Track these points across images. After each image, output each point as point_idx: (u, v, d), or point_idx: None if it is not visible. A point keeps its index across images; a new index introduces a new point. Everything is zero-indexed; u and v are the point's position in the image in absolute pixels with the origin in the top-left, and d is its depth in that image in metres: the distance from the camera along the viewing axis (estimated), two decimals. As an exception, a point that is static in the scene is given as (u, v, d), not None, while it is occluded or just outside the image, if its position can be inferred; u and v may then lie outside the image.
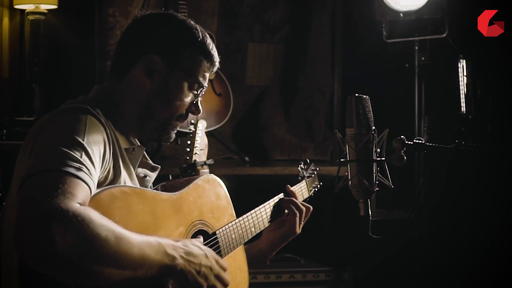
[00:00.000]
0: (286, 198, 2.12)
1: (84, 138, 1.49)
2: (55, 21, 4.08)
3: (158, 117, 1.75)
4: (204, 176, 1.90)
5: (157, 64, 1.72)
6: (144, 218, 1.56)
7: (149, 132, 1.78)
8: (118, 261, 1.36)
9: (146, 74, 1.73)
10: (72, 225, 1.31)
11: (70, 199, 1.34)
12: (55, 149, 1.44)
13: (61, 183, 1.36)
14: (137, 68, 1.73)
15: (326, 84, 4.80)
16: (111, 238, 1.35)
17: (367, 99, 1.63)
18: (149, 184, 1.82)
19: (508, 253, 3.17)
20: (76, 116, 1.55)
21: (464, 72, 3.59)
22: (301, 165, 2.40)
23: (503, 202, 3.24)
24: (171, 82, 1.74)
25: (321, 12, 4.80)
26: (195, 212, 1.76)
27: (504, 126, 3.47)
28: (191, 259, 1.54)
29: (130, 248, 1.38)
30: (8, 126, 3.73)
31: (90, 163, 1.46)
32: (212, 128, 4.06)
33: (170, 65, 1.74)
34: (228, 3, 4.75)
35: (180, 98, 1.75)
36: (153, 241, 1.46)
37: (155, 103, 1.74)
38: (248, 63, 4.82)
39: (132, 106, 1.74)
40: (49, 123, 1.56)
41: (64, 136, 1.48)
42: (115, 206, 1.49)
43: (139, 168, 1.79)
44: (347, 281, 3.73)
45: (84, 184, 1.40)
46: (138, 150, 1.75)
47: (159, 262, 1.46)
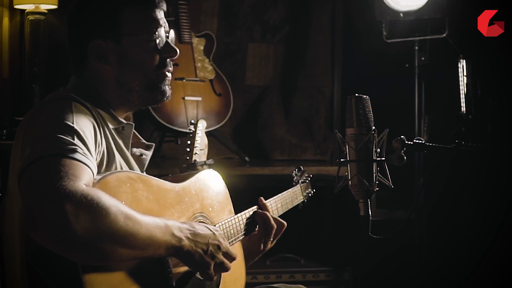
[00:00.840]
0: (259, 212, 2.00)
1: (74, 122, 1.50)
2: (55, 21, 4.07)
3: (136, 86, 1.72)
4: (206, 170, 1.92)
5: (102, 46, 1.70)
6: (149, 205, 1.58)
7: (139, 102, 1.76)
8: (128, 240, 1.38)
9: (100, 61, 1.71)
10: (83, 205, 1.32)
11: (75, 181, 1.35)
12: (48, 136, 1.45)
13: (62, 166, 1.37)
14: (90, 60, 1.72)
15: (326, 84, 4.80)
16: (120, 217, 1.36)
17: (367, 99, 1.63)
18: (146, 162, 1.83)
19: (508, 253, 3.17)
20: (62, 104, 1.56)
21: (464, 72, 3.59)
22: (294, 171, 2.41)
23: (503, 202, 3.24)
24: (127, 51, 1.70)
25: (321, 12, 4.80)
26: (197, 204, 1.78)
27: (504, 126, 3.47)
28: (198, 239, 1.56)
29: (138, 228, 1.40)
30: (8, 126, 3.72)
31: (85, 146, 1.47)
32: (212, 128, 4.06)
33: (114, 38, 1.70)
34: (228, 3, 4.75)
35: (143, 57, 1.71)
36: (160, 222, 1.47)
37: (125, 78, 1.71)
38: (248, 63, 4.82)
39: (107, 90, 1.73)
40: (37, 115, 1.56)
41: (54, 123, 1.49)
42: (122, 191, 1.50)
43: (133, 148, 1.80)
44: (347, 281, 3.73)
45: (85, 166, 1.42)
46: (127, 128, 1.74)
47: (166, 243, 1.47)
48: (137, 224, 1.40)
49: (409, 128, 3.76)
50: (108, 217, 1.34)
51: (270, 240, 2.00)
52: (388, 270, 3.66)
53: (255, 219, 1.99)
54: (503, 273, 3.17)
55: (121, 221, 1.36)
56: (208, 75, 4.22)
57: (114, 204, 1.37)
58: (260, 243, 2.00)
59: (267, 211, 2.01)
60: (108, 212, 1.35)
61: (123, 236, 1.37)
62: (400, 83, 3.96)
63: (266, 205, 2.04)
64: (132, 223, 1.38)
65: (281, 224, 2.02)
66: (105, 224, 1.34)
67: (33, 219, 1.32)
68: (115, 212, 1.36)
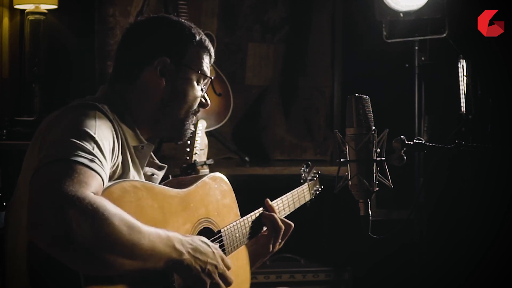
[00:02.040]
0: (266, 213, 2.01)
1: (95, 131, 1.51)
2: (55, 21, 4.08)
3: (175, 115, 1.80)
4: (211, 174, 1.91)
5: (167, 65, 1.77)
6: (153, 213, 1.58)
7: (167, 130, 1.82)
8: (130, 250, 1.38)
9: (160, 75, 1.77)
10: (87, 212, 1.33)
11: (84, 187, 1.36)
12: (67, 140, 1.46)
13: (76, 172, 1.38)
14: (148, 71, 1.77)
15: (326, 84, 4.80)
16: (123, 227, 1.37)
17: (367, 99, 1.63)
18: (157, 182, 1.85)
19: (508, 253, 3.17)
20: (85, 111, 1.58)
21: (464, 72, 3.59)
22: (303, 168, 2.39)
23: (503, 202, 3.23)
24: (181, 79, 1.79)
25: (321, 12, 4.80)
26: (202, 209, 1.78)
27: (504, 126, 3.46)
28: (198, 255, 1.56)
29: (141, 238, 1.40)
30: (8, 126, 3.72)
31: (102, 156, 1.48)
32: (212, 128, 4.06)
33: (177, 64, 1.78)
34: (228, 3, 4.75)
35: (192, 93, 1.81)
36: (163, 234, 1.47)
37: (170, 102, 1.78)
38: (248, 63, 4.82)
39: (146, 107, 1.78)
40: (59, 118, 1.58)
41: (75, 129, 1.50)
42: (126, 200, 1.50)
43: (146, 167, 1.82)
44: (347, 281, 3.73)
45: (97, 175, 1.43)
46: (147, 148, 1.78)
47: (167, 256, 1.47)
48: (140, 234, 1.40)
49: (409, 128, 3.76)
50: (111, 226, 1.35)
51: (278, 241, 2.01)
52: (388, 270, 3.66)
53: (262, 221, 2.00)
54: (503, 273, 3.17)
55: (124, 231, 1.36)
56: (208, 75, 4.22)
57: (119, 214, 1.38)
58: (269, 245, 2.00)
59: (274, 213, 2.02)
60: (112, 221, 1.35)
61: (126, 246, 1.37)
62: (400, 83, 3.96)
63: (273, 207, 2.04)
64: (135, 233, 1.39)
65: (289, 225, 2.04)
66: (108, 233, 1.34)
67: (36, 220, 1.32)
68: (119, 221, 1.36)
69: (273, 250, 2.03)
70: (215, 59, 1.91)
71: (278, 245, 2.03)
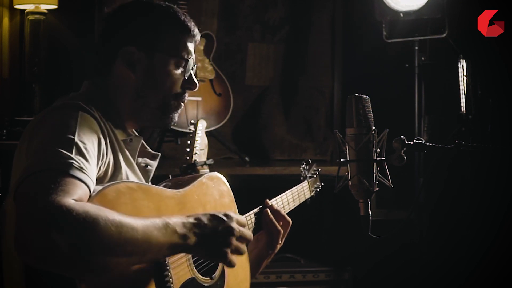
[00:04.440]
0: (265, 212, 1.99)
1: (75, 134, 1.48)
2: (55, 21, 4.07)
3: (152, 103, 1.75)
4: (209, 173, 1.90)
5: (135, 54, 1.72)
6: (149, 214, 1.56)
7: (149, 120, 1.78)
8: (123, 248, 1.35)
9: (128, 67, 1.73)
10: (67, 221, 1.30)
11: (62, 196, 1.33)
12: (47, 149, 1.44)
13: (53, 182, 1.36)
14: (118, 63, 1.73)
15: (326, 84, 4.80)
16: (111, 228, 1.33)
17: (367, 99, 1.63)
18: (151, 173, 1.83)
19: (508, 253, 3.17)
20: (67, 113, 1.55)
21: (464, 72, 3.59)
22: (303, 165, 2.39)
23: (503, 202, 3.24)
24: (155, 67, 1.74)
25: (321, 12, 4.81)
26: (199, 209, 1.77)
27: (504, 126, 3.47)
28: (206, 231, 1.52)
29: (134, 234, 1.37)
30: (8, 126, 3.72)
31: (83, 159, 1.45)
32: (212, 128, 4.06)
33: (148, 51, 1.73)
34: (228, 3, 4.75)
35: (169, 79, 1.75)
36: (159, 222, 1.44)
37: (145, 92, 1.74)
38: (248, 63, 4.82)
39: (123, 99, 1.74)
40: (42, 122, 1.56)
41: (56, 135, 1.48)
42: (121, 202, 1.49)
43: (139, 158, 1.80)
44: (347, 281, 3.73)
45: (77, 181, 1.40)
46: (135, 140, 1.75)
47: (169, 243, 1.45)
48: (132, 229, 1.37)
49: (409, 128, 3.76)
50: (96, 229, 1.31)
51: (279, 238, 2.00)
52: (388, 270, 3.66)
53: (262, 219, 1.99)
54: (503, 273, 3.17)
55: (112, 231, 1.33)
56: (208, 75, 4.22)
57: (104, 216, 1.34)
58: (270, 244, 1.99)
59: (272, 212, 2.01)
60: (96, 223, 1.32)
61: (117, 245, 1.34)
62: (400, 83, 3.97)
63: (273, 206, 2.03)
64: (126, 230, 1.36)
65: (287, 222, 2.03)
66: (93, 237, 1.31)
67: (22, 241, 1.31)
68: (105, 223, 1.33)
69: (274, 250, 2.02)
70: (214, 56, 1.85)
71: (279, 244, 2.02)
